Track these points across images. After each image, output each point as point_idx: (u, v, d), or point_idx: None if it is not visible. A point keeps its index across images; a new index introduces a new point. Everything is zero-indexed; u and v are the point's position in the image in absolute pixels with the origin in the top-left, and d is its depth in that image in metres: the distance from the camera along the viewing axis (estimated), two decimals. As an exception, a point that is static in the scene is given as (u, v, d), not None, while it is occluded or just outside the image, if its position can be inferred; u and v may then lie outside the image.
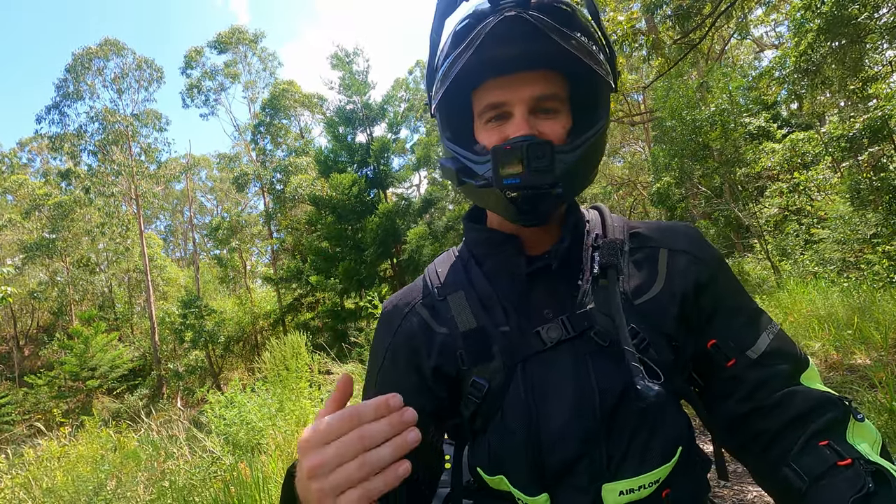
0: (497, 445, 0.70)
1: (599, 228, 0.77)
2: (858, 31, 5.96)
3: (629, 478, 0.64)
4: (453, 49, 0.67)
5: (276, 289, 23.26)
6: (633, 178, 23.41)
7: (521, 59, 0.65)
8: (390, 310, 0.81)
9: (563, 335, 0.68)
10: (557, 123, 0.67)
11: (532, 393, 0.67)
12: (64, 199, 23.52)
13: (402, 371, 0.76)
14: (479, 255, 0.78)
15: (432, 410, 0.74)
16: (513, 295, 0.73)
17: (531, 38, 0.61)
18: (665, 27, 9.71)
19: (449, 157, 0.73)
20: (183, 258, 38.69)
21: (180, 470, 3.87)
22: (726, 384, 0.69)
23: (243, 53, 27.69)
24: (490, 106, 0.68)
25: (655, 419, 0.66)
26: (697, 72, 12.50)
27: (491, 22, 0.61)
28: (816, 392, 0.65)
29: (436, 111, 0.73)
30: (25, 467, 5.03)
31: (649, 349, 0.66)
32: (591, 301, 0.69)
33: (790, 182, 9.70)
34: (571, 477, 0.66)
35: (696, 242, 0.75)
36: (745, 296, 0.74)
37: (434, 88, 0.72)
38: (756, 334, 0.69)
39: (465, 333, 0.72)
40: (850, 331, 4.41)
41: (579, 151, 0.65)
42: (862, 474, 0.55)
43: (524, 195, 0.64)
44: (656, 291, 0.70)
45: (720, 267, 0.74)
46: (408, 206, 18.67)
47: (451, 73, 0.65)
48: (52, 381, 19.06)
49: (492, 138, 0.68)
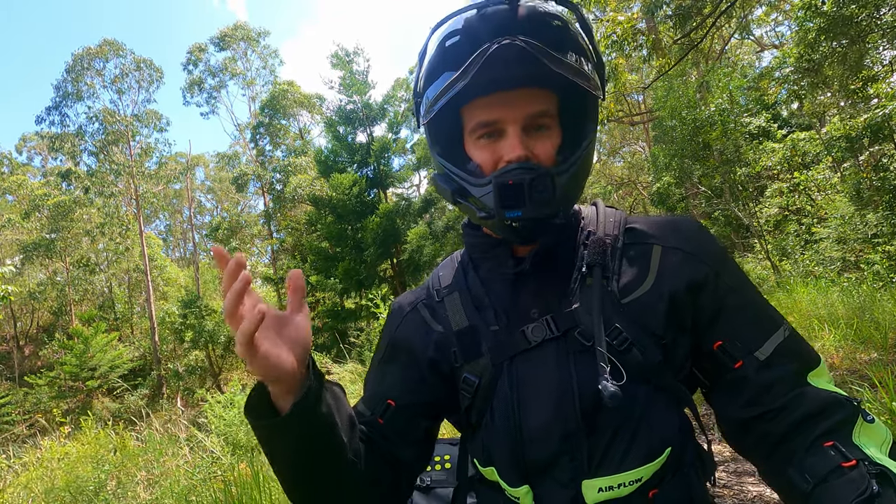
0: (486, 438, 0.73)
1: (593, 225, 0.77)
2: (859, 30, 5.96)
3: (608, 475, 0.65)
4: (444, 68, 0.68)
5: (276, 289, 23.27)
6: (633, 178, 23.42)
7: (517, 81, 0.66)
8: (396, 308, 0.87)
9: (547, 335, 0.69)
10: (549, 141, 0.68)
11: (516, 389, 0.70)
12: (63, 200, 23.51)
13: (400, 364, 0.81)
14: (475, 259, 0.81)
15: (426, 401, 0.78)
16: (503, 296, 0.75)
17: (527, 63, 0.62)
18: (665, 27, 9.71)
19: (441, 171, 0.73)
20: (183, 258, 38.69)
21: (180, 470, 3.87)
22: (734, 386, 0.68)
23: (243, 51, 27.71)
24: (482, 124, 0.68)
25: (640, 419, 0.66)
26: (697, 72, 12.50)
27: (489, 48, 0.62)
28: (825, 393, 0.64)
29: (425, 125, 0.73)
30: (26, 467, 5.03)
31: (632, 349, 0.66)
32: (576, 300, 0.70)
33: (790, 182, 9.71)
34: (554, 472, 0.68)
35: (692, 239, 0.73)
36: (751, 292, 0.71)
37: (425, 104, 0.72)
38: (765, 335, 0.67)
39: (458, 332, 0.75)
40: (851, 331, 4.41)
41: (574, 169, 0.67)
42: (866, 476, 0.54)
43: (524, 225, 0.66)
44: (645, 290, 0.70)
45: (721, 263, 0.72)
46: (408, 206, 18.66)
47: (446, 94, 0.65)
48: (53, 381, 19.07)
49: (484, 156, 0.69)
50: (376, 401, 0.79)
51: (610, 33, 6.70)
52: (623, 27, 6.51)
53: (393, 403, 0.77)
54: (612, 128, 23.16)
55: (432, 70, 0.70)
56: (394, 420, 0.77)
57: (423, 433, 0.80)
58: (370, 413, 0.78)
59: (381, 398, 0.78)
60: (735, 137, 9.23)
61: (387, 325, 0.87)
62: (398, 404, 0.77)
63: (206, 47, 27.14)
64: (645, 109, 19.78)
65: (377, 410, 0.77)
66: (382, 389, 0.79)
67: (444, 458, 1.04)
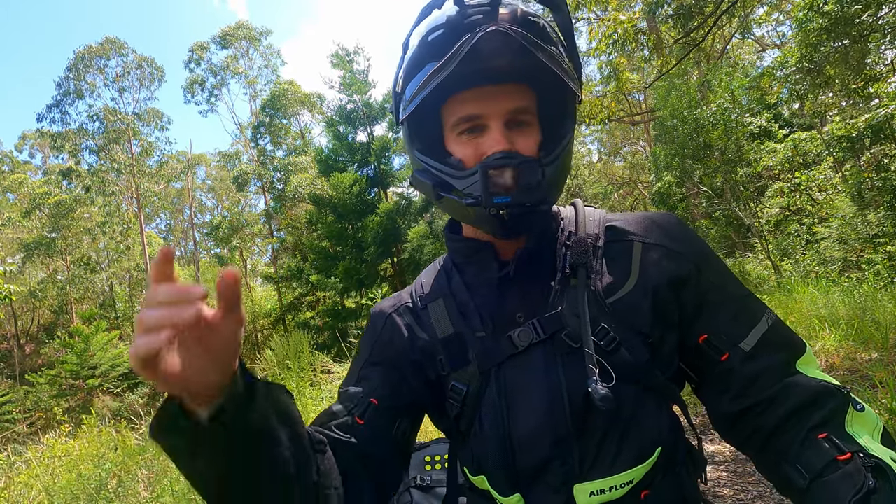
0: (476, 447, 0.72)
1: (573, 226, 0.75)
2: (861, 30, 5.95)
3: (600, 478, 0.64)
4: (428, 58, 0.66)
5: (276, 288, 23.30)
6: (633, 178, 23.40)
7: (500, 73, 0.65)
8: (377, 312, 0.84)
9: (533, 338, 0.68)
10: (531, 137, 0.68)
11: (505, 396, 0.68)
12: (64, 198, 23.53)
13: (382, 368, 0.78)
14: (459, 264, 0.80)
15: (408, 403, 0.77)
16: (488, 301, 0.74)
17: (511, 53, 0.62)
18: (666, 27, 9.69)
19: (420, 168, 0.72)
20: (183, 256, 38.71)
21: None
22: (721, 379, 0.68)
23: (245, 50, 27.71)
24: (464, 118, 0.67)
25: (629, 420, 0.65)
26: (699, 71, 12.48)
27: (473, 37, 0.60)
28: (814, 382, 0.63)
29: (403, 121, 0.71)
30: (27, 466, 5.04)
31: (620, 349, 0.65)
32: (561, 302, 0.69)
33: (791, 182, 9.69)
34: (545, 477, 0.67)
35: (672, 235, 0.72)
36: (733, 283, 0.71)
37: (405, 97, 0.70)
38: (749, 325, 0.67)
39: (443, 340, 0.74)
40: (851, 331, 4.41)
41: (557, 163, 0.67)
42: (862, 470, 0.54)
43: (511, 212, 0.64)
44: (629, 289, 0.69)
45: (702, 257, 0.71)
46: (408, 205, 18.63)
47: (428, 86, 0.64)
48: (53, 380, 19.07)
49: (467, 151, 0.68)
50: (356, 401, 0.75)
51: (611, 33, 6.70)
52: (624, 27, 6.51)
53: (376, 402, 0.75)
54: (612, 127, 23.14)
55: (414, 65, 0.69)
56: (374, 420, 0.74)
57: (403, 436, 0.77)
58: (347, 413, 0.73)
59: (363, 398, 0.75)
60: (737, 137, 9.22)
61: (368, 330, 0.84)
62: (381, 405, 0.75)
63: (207, 46, 27.16)
64: (646, 109, 19.76)
65: (356, 410, 0.74)
66: (364, 391, 0.76)
67: (445, 458, 1.04)
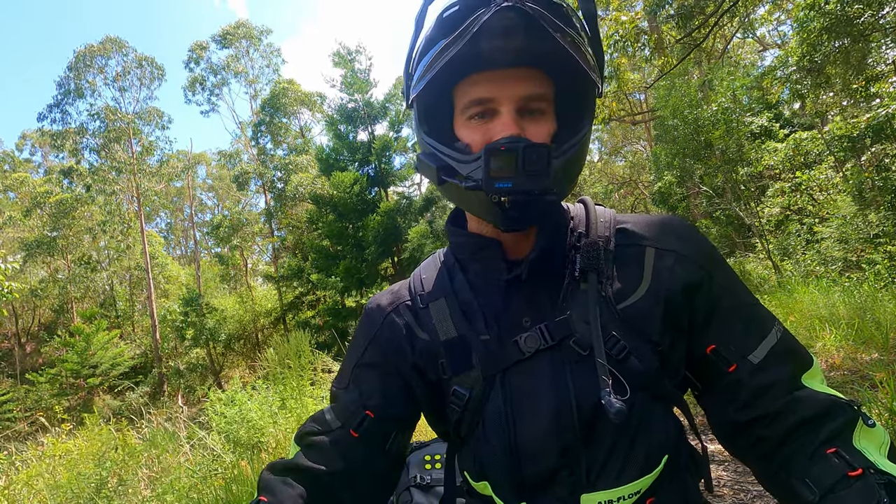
0: (479, 454, 0.70)
1: (583, 226, 0.72)
2: (862, 29, 5.94)
3: (608, 488, 0.63)
4: (440, 37, 0.61)
5: (276, 287, 23.31)
6: (634, 178, 23.38)
7: (515, 55, 0.60)
8: (374, 307, 0.80)
9: (540, 344, 0.66)
10: (543, 126, 0.64)
11: (510, 404, 0.66)
12: (65, 197, 23.55)
13: (380, 370, 0.75)
14: (462, 261, 0.76)
15: (407, 412, 0.75)
16: (494, 302, 0.71)
17: (528, 33, 0.58)
18: (668, 27, 9.69)
19: (427, 152, 0.68)
20: (184, 256, 38.73)
21: (181, 467, 3.88)
22: (728, 390, 0.66)
23: (245, 49, 27.69)
24: (475, 101, 0.64)
25: (637, 430, 0.64)
26: (699, 71, 12.47)
27: (487, 12, 0.56)
28: (822, 396, 0.62)
29: (413, 102, 0.68)
30: (28, 464, 5.04)
31: (630, 358, 0.63)
32: (570, 307, 0.66)
33: (792, 181, 9.68)
34: (553, 487, 0.65)
35: (686, 240, 0.70)
36: (744, 293, 0.69)
37: (415, 77, 0.66)
38: (759, 337, 0.66)
39: (445, 342, 0.70)
40: (852, 331, 4.40)
41: (569, 155, 0.62)
42: (874, 486, 0.53)
43: (514, 200, 0.60)
44: (640, 295, 0.66)
45: (715, 265, 0.69)
46: (409, 204, 18.64)
47: (436, 64, 0.60)
48: (54, 379, 19.08)
49: (475, 136, 0.64)
50: (351, 410, 0.73)
51: (612, 33, 6.69)
52: (626, 27, 6.50)
53: (372, 415, 0.72)
54: (613, 127, 23.13)
55: (427, 43, 0.64)
56: (370, 432, 0.72)
57: (398, 448, 0.76)
58: (341, 425, 0.73)
59: (358, 407, 0.73)
60: (738, 136, 9.21)
61: (364, 325, 0.80)
62: (377, 416, 0.72)
63: (207, 45, 27.12)
64: (647, 109, 19.74)
65: (351, 422, 0.72)
66: (359, 397, 0.74)
67: (444, 457, 1.04)
